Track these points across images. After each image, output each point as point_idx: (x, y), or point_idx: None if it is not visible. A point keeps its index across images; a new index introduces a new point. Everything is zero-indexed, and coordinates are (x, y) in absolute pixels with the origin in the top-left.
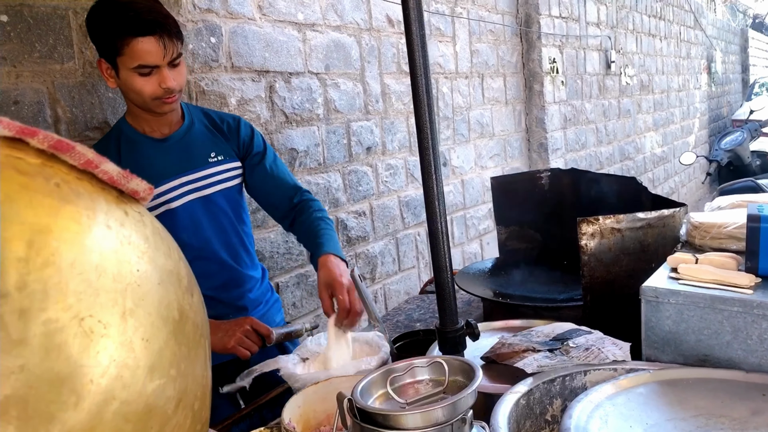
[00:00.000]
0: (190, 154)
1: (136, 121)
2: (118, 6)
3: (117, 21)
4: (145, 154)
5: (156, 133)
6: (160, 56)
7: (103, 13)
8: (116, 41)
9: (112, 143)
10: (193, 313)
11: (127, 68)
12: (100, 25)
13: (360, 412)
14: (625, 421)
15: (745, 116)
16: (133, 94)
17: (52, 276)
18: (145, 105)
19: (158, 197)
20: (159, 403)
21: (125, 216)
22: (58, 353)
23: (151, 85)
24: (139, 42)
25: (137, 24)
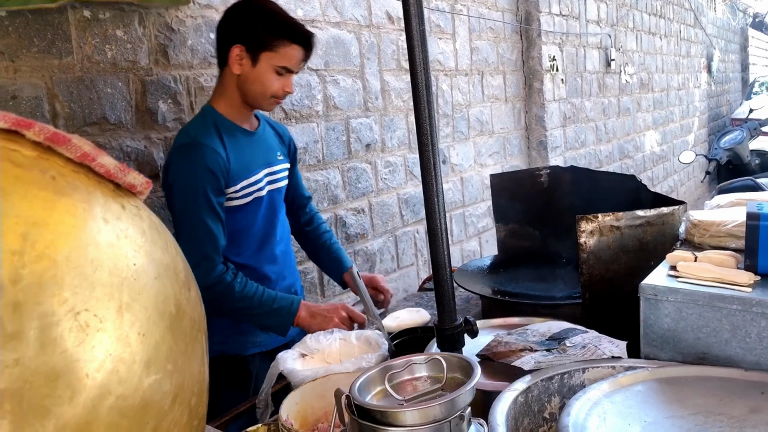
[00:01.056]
0: (269, 149)
1: (229, 112)
2: (279, 9)
3: (282, 22)
4: (243, 143)
5: (246, 126)
6: (298, 66)
7: (266, 11)
8: (273, 38)
9: (212, 128)
10: (190, 308)
11: (270, 64)
12: (259, 17)
13: (358, 408)
14: (624, 419)
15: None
16: (257, 86)
17: (48, 269)
18: (260, 98)
19: (254, 185)
20: (155, 398)
21: (122, 210)
22: (54, 347)
23: (278, 84)
24: (293, 48)
25: (299, 34)
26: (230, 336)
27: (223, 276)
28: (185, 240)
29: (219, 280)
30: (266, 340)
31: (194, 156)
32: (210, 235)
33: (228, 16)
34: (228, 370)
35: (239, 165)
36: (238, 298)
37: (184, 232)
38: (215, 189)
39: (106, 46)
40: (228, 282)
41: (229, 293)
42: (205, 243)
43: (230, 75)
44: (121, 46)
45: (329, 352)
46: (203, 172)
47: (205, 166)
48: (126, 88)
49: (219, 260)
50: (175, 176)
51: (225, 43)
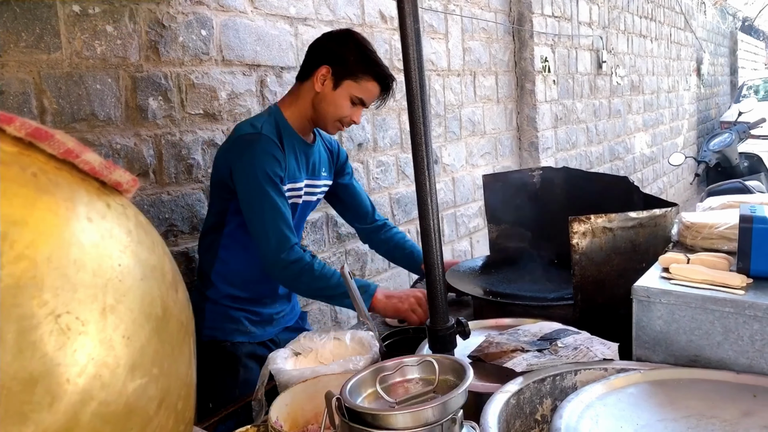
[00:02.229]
0: (315, 164)
1: (294, 120)
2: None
3: (372, 60)
4: (297, 151)
5: (305, 137)
6: (371, 103)
7: (362, 45)
8: (362, 72)
9: (275, 128)
10: (177, 310)
11: (348, 91)
12: (355, 48)
13: (348, 411)
14: (616, 422)
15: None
16: (331, 107)
17: (27, 270)
18: (327, 119)
19: (296, 190)
20: (140, 403)
21: (107, 208)
22: (33, 351)
23: (347, 112)
24: (374, 85)
25: (383, 75)
26: (222, 322)
27: (303, 255)
28: (259, 222)
29: (299, 258)
30: (256, 332)
31: (262, 144)
32: (283, 215)
33: (326, 38)
34: (217, 356)
35: (289, 169)
36: (317, 277)
37: (256, 215)
38: (280, 177)
39: (96, 42)
40: (308, 261)
41: (309, 271)
42: (280, 222)
43: (308, 90)
44: (111, 42)
45: (322, 352)
46: (270, 158)
47: (270, 154)
48: (116, 84)
49: (295, 240)
50: (241, 163)
51: (315, 60)
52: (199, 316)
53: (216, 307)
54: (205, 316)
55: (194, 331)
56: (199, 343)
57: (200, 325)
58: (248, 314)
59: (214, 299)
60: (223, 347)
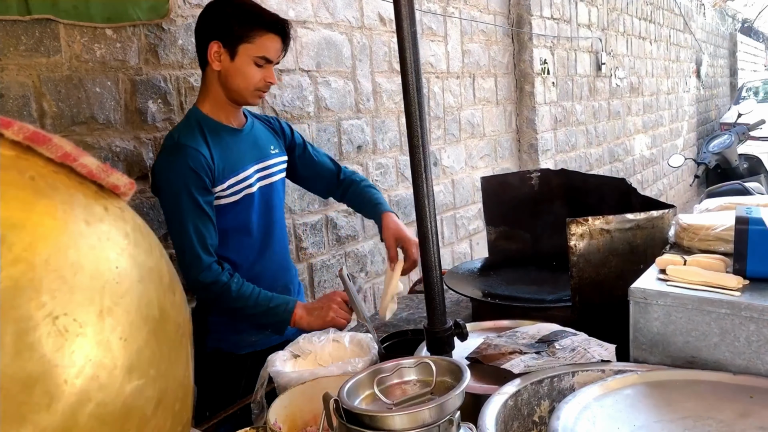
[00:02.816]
0: (259, 145)
1: (213, 111)
2: (252, 2)
3: (255, 14)
4: (228, 141)
5: (233, 124)
6: (277, 55)
7: (239, 4)
8: (248, 30)
9: (196, 128)
10: (174, 312)
11: (249, 55)
12: (233, 12)
13: (346, 412)
14: (613, 423)
15: (732, 119)
16: (240, 78)
17: (25, 273)
18: (243, 92)
19: (242, 182)
20: (137, 404)
21: (105, 211)
22: (31, 353)
23: (259, 75)
24: (269, 37)
25: (273, 23)
26: (226, 333)
27: (219, 276)
28: (176, 241)
29: (215, 280)
30: (261, 340)
31: (177, 157)
32: (199, 235)
33: (203, 15)
34: (222, 367)
35: (225, 163)
36: (234, 298)
37: (174, 234)
38: (200, 188)
39: (95, 45)
40: (224, 282)
41: (225, 293)
42: (195, 243)
43: (212, 73)
44: (111, 45)
45: (321, 354)
46: (187, 172)
47: (187, 167)
48: (115, 87)
49: (211, 259)
50: (160, 179)
51: (203, 41)
52: (203, 328)
53: (220, 318)
54: (209, 327)
55: (192, 333)
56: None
57: (204, 336)
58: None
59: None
60: (227, 357)
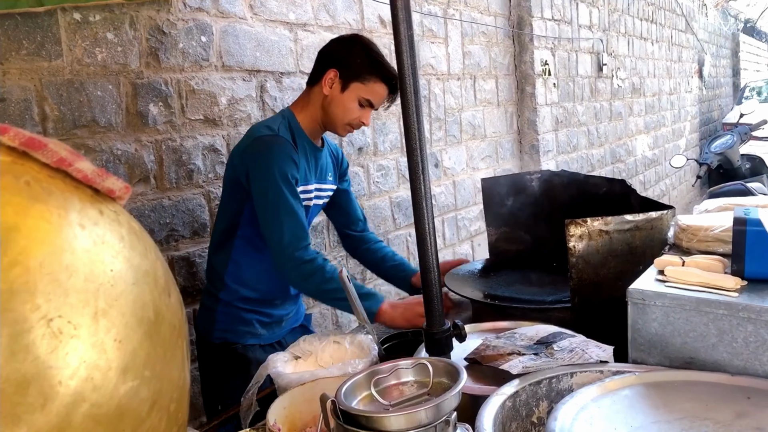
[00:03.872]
0: (324, 168)
1: (306, 124)
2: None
3: (377, 61)
4: (308, 155)
5: (315, 142)
6: (380, 103)
7: (369, 48)
8: (367, 72)
9: (288, 131)
10: (170, 314)
11: (357, 93)
12: (362, 51)
13: (343, 413)
14: (610, 424)
15: (735, 120)
16: (340, 110)
17: (20, 276)
18: (336, 122)
19: (308, 193)
20: (132, 405)
21: (100, 215)
22: (25, 354)
23: (356, 114)
24: (381, 86)
25: (389, 76)
26: (233, 324)
27: (317, 256)
28: (274, 221)
29: (312, 258)
30: (267, 334)
31: (278, 146)
32: (298, 216)
33: (333, 43)
34: (228, 358)
35: (301, 172)
36: (328, 279)
37: (272, 214)
38: (294, 177)
39: (96, 49)
40: (320, 263)
41: (320, 272)
42: (295, 222)
43: (318, 93)
44: (112, 49)
45: (321, 355)
46: (287, 159)
47: (287, 155)
48: (116, 90)
49: (309, 240)
50: (259, 164)
51: (323, 64)
52: (211, 318)
53: (228, 309)
54: (216, 318)
55: (188, 335)
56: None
57: (212, 327)
58: (260, 316)
59: (226, 301)
60: (234, 350)
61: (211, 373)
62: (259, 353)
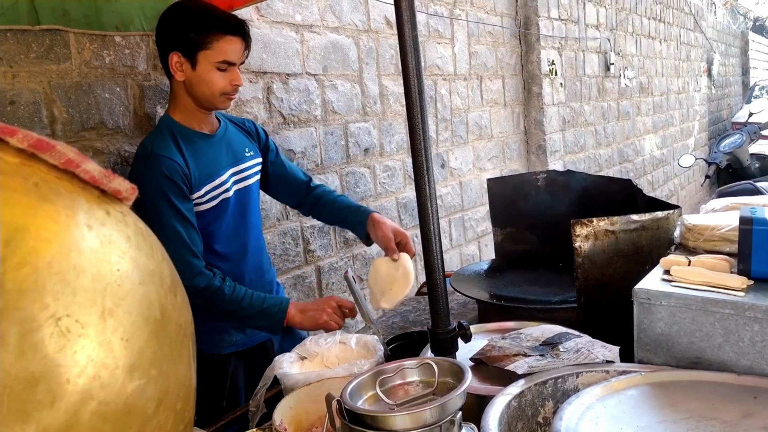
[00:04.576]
0: (233, 148)
1: (185, 119)
2: (206, 6)
3: (209, 19)
4: (202, 147)
5: (205, 129)
6: (240, 56)
7: (192, 11)
8: (205, 36)
9: (168, 137)
10: (176, 313)
11: (209, 62)
12: (187, 20)
13: (349, 413)
14: (616, 424)
15: (744, 119)
16: (204, 86)
17: (29, 275)
18: (211, 99)
19: (218, 187)
20: (139, 403)
21: (107, 216)
22: (34, 353)
23: (224, 80)
24: (228, 40)
25: (229, 24)
26: (207, 335)
27: (211, 281)
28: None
29: (207, 286)
30: (242, 340)
31: (152, 168)
32: (185, 241)
33: (159, 26)
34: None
35: (201, 170)
36: (228, 302)
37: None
38: (179, 196)
39: (104, 52)
40: (217, 287)
41: (219, 297)
42: (183, 250)
43: (177, 83)
44: (119, 52)
45: (327, 356)
46: (164, 180)
47: (163, 176)
48: (124, 93)
49: (201, 264)
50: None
51: (164, 53)
52: None
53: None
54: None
55: (194, 334)
56: None
57: None
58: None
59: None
60: (210, 359)
61: None
62: (236, 361)
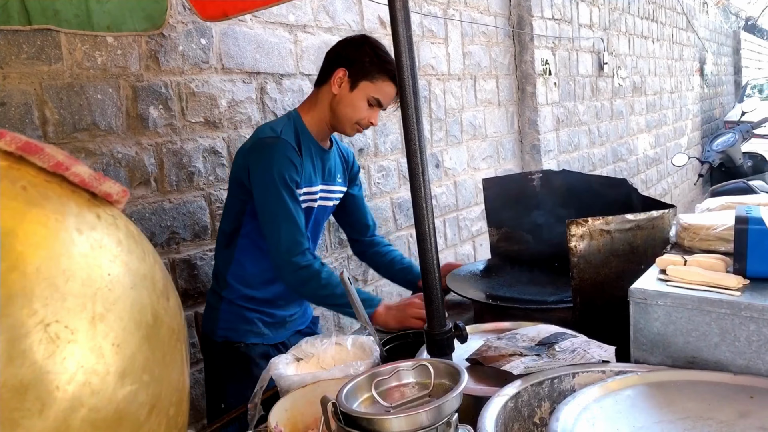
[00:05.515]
0: (332, 169)
1: (312, 125)
2: (388, 52)
3: (386, 60)
4: (314, 156)
5: (322, 143)
6: (389, 103)
7: (378, 48)
8: (376, 71)
9: (294, 131)
10: (168, 318)
11: (366, 92)
12: (371, 51)
13: (344, 415)
14: (613, 424)
15: (736, 118)
16: (348, 110)
17: (17, 281)
18: (344, 122)
19: (311, 194)
20: (130, 409)
21: (97, 219)
22: (23, 359)
23: (365, 113)
24: (391, 87)
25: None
26: (236, 323)
27: (313, 262)
28: (272, 225)
29: (309, 264)
30: (270, 334)
31: (279, 148)
32: (295, 220)
33: (342, 43)
34: (231, 357)
35: (306, 173)
36: (324, 285)
37: (270, 218)
38: (294, 181)
39: (96, 52)
40: (317, 268)
41: (316, 278)
42: (293, 227)
43: (326, 93)
44: (112, 52)
45: (323, 357)
46: (287, 162)
47: (287, 158)
48: (116, 94)
49: (307, 244)
50: (259, 166)
51: (332, 64)
52: (214, 316)
53: (231, 307)
54: (219, 316)
55: (187, 338)
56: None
57: (215, 325)
58: (262, 315)
59: (229, 299)
60: (236, 348)
61: (214, 372)
62: (262, 352)
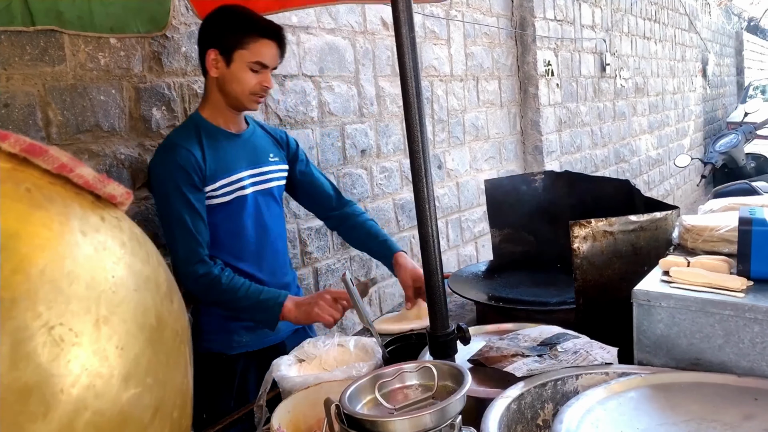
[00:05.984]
0: (257, 151)
1: (213, 116)
2: (247, 11)
3: (248, 21)
4: (224, 145)
5: (231, 129)
6: (274, 60)
7: (234, 12)
8: (242, 37)
9: (192, 130)
10: (172, 320)
11: (244, 61)
12: (228, 20)
13: (348, 418)
14: (617, 426)
15: (739, 119)
16: (236, 84)
17: (21, 284)
18: (240, 98)
19: (234, 183)
20: (134, 413)
21: (101, 221)
22: (27, 362)
23: (255, 81)
24: (263, 43)
25: (266, 29)
26: (217, 334)
27: (211, 268)
28: (170, 236)
29: (206, 272)
30: (252, 341)
31: (168, 156)
32: (189, 229)
33: (202, 26)
34: (213, 368)
35: (218, 164)
36: (223, 290)
37: (167, 230)
38: (189, 185)
39: (99, 54)
40: (215, 274)
41: (215, 285)
42: (187, 236)
43: (211, 80)
44: (115, 54)
45: (326, 358)
46: (176, 169)
47: (177, 164)
48: (119, 95)
49: (203, 253)
50: (153, 175)
51: (202, 50)
52: (197, 329)
53: (210, 318)
54: (201, 328)
55: (191, 341)
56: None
57: (198, 337)
58: (242, 322)
59: (208, 311)
60: (218, 358)
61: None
62: (245, 362)
